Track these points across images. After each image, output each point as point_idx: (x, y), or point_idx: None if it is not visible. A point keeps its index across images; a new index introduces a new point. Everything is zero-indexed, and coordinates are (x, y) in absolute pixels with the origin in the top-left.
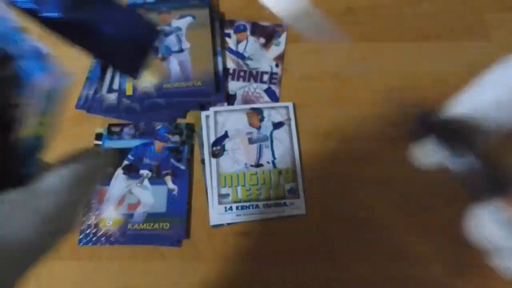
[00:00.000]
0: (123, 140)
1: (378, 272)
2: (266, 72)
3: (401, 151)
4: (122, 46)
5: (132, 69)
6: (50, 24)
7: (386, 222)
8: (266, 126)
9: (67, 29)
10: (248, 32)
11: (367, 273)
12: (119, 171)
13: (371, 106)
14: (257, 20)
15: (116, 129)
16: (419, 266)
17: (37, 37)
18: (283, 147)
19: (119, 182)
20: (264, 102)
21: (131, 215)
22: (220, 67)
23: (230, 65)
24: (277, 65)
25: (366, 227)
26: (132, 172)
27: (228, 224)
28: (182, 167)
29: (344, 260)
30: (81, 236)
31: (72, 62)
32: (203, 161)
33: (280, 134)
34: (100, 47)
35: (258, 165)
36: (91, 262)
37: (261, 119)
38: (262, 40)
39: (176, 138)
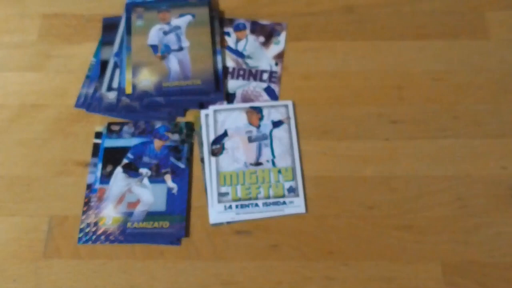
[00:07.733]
0: (122, 139)
1: (378, 271)
2: (266, 71)
3: (401, 150)
4: None
5: None
6: None
7: (386, 222)
8: (266, 124)
9: None
10: (248, 31)
11: (367, 273)
12: (119, 169)
13: (370, 105)
14: (257, 18)
15: (116, 127)
16: (419, 266)
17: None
18: (283, 145)
19: (119, 180)
20: (263, 101)
21: (130, 214)
22: (220, 66)
23: (230, 63)
24: (276, 64)
25: (366, 227)
26: (131, 170)
27: (228, 222)
28: (182, 166)
29: (344, 259)
30: (80, 235)
31: (72, 61)
32: (202, 160)
33: (280, 133)
34: None
35: (257, 163)
36: (90, 261)
37: (261, 118)
38: (262, 38)
39: (175, 136)
